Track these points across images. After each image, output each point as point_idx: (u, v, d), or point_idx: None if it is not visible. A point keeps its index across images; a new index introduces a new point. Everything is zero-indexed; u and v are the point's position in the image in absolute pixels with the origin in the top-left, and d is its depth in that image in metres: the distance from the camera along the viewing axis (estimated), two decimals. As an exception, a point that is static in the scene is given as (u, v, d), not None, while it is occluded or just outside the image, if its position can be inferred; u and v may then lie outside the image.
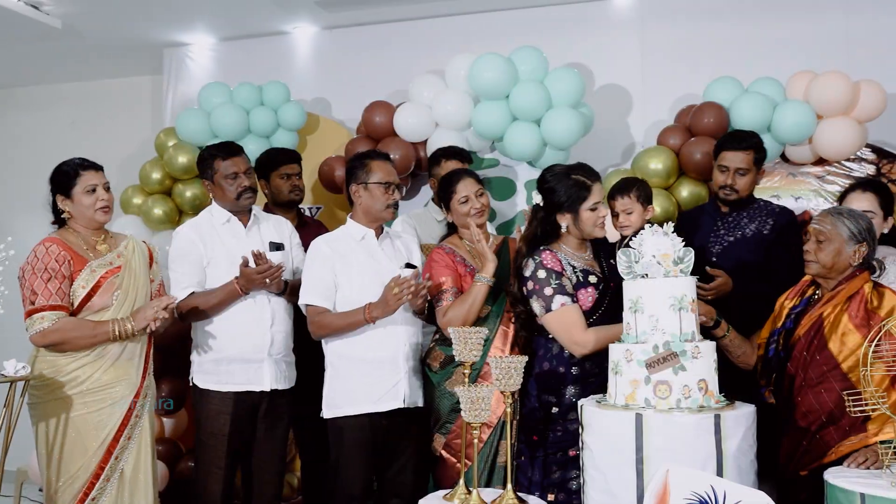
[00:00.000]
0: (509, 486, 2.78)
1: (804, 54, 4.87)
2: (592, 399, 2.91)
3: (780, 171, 4.68)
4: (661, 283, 2.74)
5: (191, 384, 3.60)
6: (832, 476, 2.61)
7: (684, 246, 2.80)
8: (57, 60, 6.25)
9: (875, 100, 4.42)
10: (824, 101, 4.42)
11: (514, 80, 4.63)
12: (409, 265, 3.35)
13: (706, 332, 3.03)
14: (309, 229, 4.19)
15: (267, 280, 3.40)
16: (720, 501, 2.39)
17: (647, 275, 2.78)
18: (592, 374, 3.13)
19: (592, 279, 3.18)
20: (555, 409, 3.14)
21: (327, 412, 3.35)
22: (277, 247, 3.59)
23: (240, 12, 5.50)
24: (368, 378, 3.32)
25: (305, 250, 3.58)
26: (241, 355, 3.49)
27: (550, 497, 3.05)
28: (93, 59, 6.23)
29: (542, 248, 3.19)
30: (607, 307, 3.18)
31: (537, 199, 3.25)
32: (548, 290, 3.11)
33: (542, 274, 3.12)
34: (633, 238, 3.55)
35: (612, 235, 3.66)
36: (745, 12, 5.16)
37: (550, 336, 3.19)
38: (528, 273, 3.17)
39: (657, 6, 5.33)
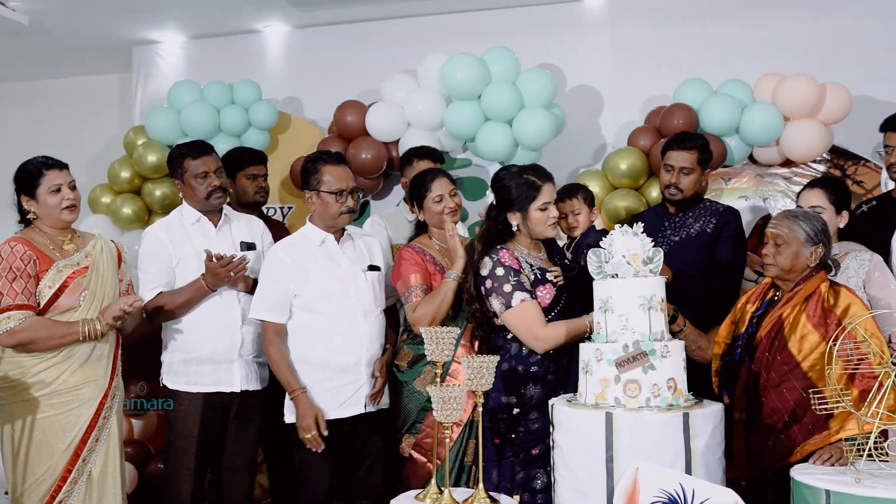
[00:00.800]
0: (481, 485, 2.79)
1: (772, 57, 4.95)
2: (563, 398, 2.93)
3: (748, 172, 4.74)
4: (631, 282, 2.76)
5: (161, 385, 3.56)
6: (798, 473, 2.64)
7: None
8: (24, 57, 6.17)
9: (841, 102, 4.50)
10: (791, 104, 4.48)
11: (486, 81, 4.65)
12: (247, 245, 3.48)
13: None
14: (272, 231, 4.16)
15: (232, 274, 3.37)
16: (689, 499, 2.42)
17: (616, 275, 2.80)
18: (550, 371, 3.16)
19: (550, 277, 3.20)
20: (516, 410, 3.14)
21: (290, 416, 3.31)
22: (249, 246, 3.57)
23: (211, 10, 5.47)
24: (330, 384, 3.28)
25: None
26: (211, 356, 3.46)
27: (516, 497, 3.06)
28: (61, 56, 6.16)
29: (499, 246, 3.20)
30: (564, 304, 3.21)
31: (491, 197, 3.29)
32: (507, 287, 3.12)
33: (500, 272, 3.14)
34: (582, 239, 3.61)
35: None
36: (715, 15, 5.23)
37: (509, 336, 3.19)
38: (485, 272, 3.17)
39: (628, 8, 5.38)
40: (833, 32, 5.05)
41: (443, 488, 2.80)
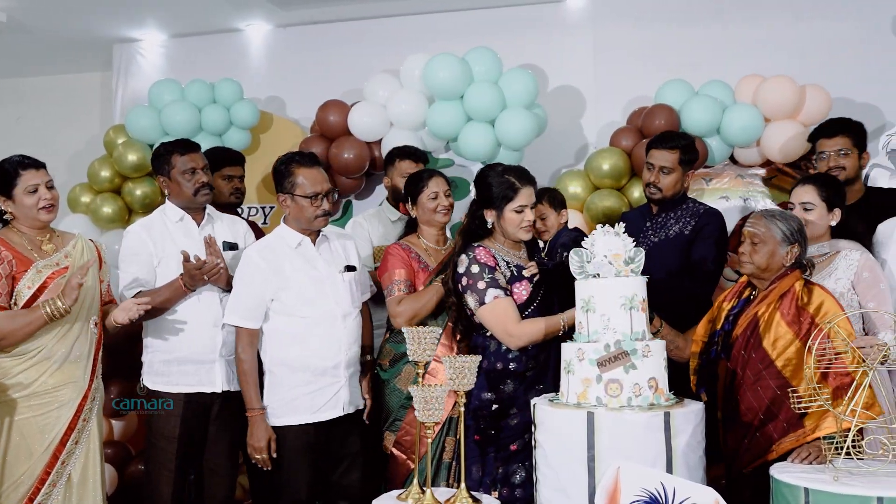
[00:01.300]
0: (463, 484, 2.80)
1: (752, 59, 4.98)
2: (545, 398, 2.94)
3: (728, 172, 4.77)
4: (613, 282, 2.78)
5: (141, 385, 3.54)
6: (778, 472, 2.66)
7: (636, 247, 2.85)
8: (2, 55, 6.11)
9: (820, 104, 4.54)
10: (772, 105, 4.52)
11: (468, 81, 4.65)
12: (230, 245, 3.46)
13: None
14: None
15: (206, 278, 3.35)
16: (670, 498, 2.43)
17: (598, 274, 2.81)
18: (529, 367, 3.19)
19: (526, 273, 3.23)
20: (495, 406, 3.17)
21: (273, 419, 3.30)
22: (231, 246, 3.55)
23: (192, 8, 5.44)
24: (309, 387, 3.27)
25: None
26: (192, 356, 3.44)
27: (494, 494, 3.08)
28: (40, 54, 6.10)
29: (475, 244, 3.24)
30: (541, 301, 3.23)
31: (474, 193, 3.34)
32: (481, 284, 3.15)
33: (475, 269, 3.17)
34: (555, 240, 3.63)
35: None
36: (696, 17, 5.26)
37: (487, 334, 3.22)
38: (462, 269, 3.21)
39: (610, 9, 5.40)
40: (812, 35, 5.09)
41: (425, 488, 2.80)
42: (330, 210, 3.33)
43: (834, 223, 3.32)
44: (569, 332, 3.00)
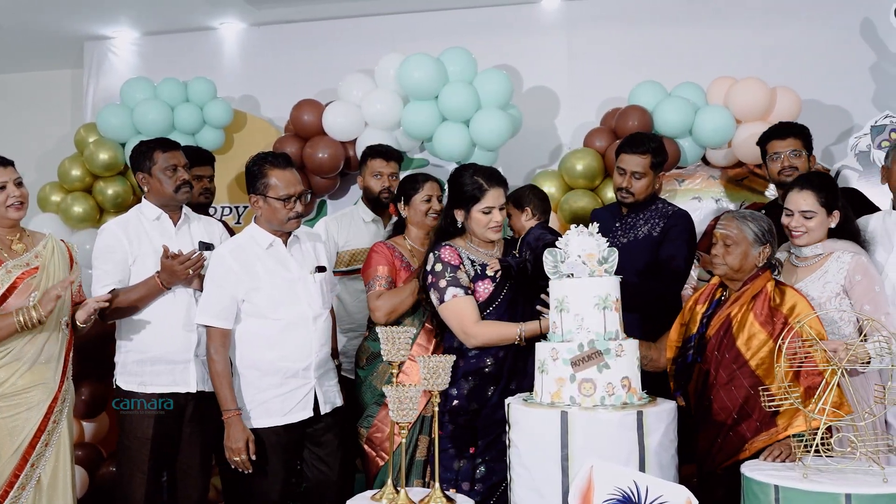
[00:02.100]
0: (437, 484, 2.80)
1: (724, 61, 5.05)
2: (519, 397, 2.95)
3: (701, 173, 4.82)
4: (587, 282, 2.79)
5: (114, 386, 3.50)
6: (748, 470, 2.69)
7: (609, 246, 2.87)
8: (-30, 52, 6.03)
9: (790, 105, 4.60)
10: (743, 106, 4.57)
11: (443, 81, 4.66)
12: (206, 246, 3.44)
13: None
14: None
15: (190, 271, 3.32)
16: (642, 496, 2.45)
17: (572, 274, 2.82)
18: (487, 365, 3.22)
19: (489, 272, 3.25)
20: (456, 402, 3.21)
21: (251, 421, 3.28)
22: (207, 247, 3.53)
23: (165, 6, 5.40)
24: (280, 389, 3.25)
25: None
26: (166, 356, 3.41)
27: (465, 486, 3.12)
28: (9, 51, 6.02)
29: (444, 243, 3.29)
30: (504, 300, 3.26)
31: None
32: (442, 283, 3.21)
33: (438, 267, 3.23)
34: (524, 237, 3.64)
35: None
36: (669, 20, 5.31)
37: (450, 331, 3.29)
38: (428, 267, 3.28)
39: (584, 11, 5.44)
40: (782, 39, 5.17)
41: (399, 488, 2.80)
42: (302, 212, 3.31)
43: (833, 225, 3.24)
44: (538, 337, 3.00)
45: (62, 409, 3.23)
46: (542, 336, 3.01)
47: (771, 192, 4.56)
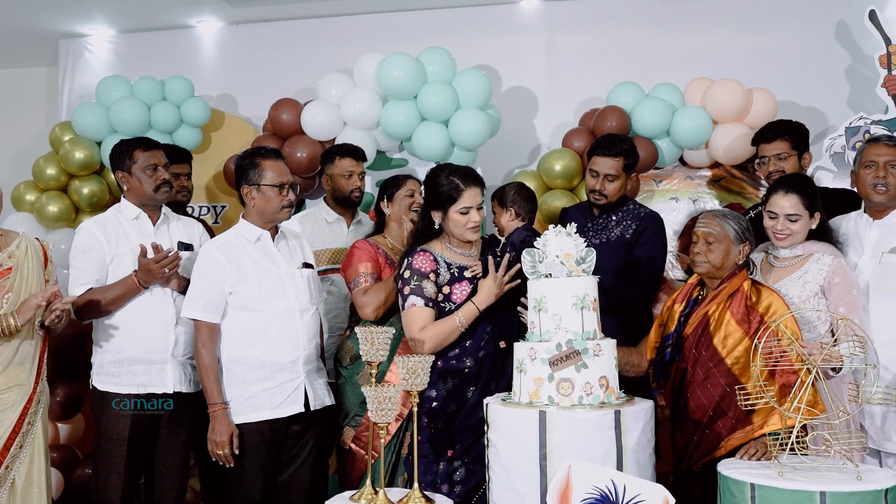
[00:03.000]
0: (416, 484, 2.80)
1: (701, 62, 5.09)
2: (497, 397, 2.96)
3: (678, 173, 4.85)
4: (565, 282, 2.80)
5: (91, 387, 3.47)
6: (725, 468, 2.72)
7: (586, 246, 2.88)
8: (-58, 49, 5.95)
9: (766, 107, 4.64)
10: (720, 107, 4.60)
11: (422, 81, 4.65)
12: (185, 246, 3.45)
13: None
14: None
15: (166, 270, 3.31)
16: (620, 495, 2.46)
17: (550, 274, 2.83)
18: (466, 366, 3.21)
19: (468, 274, 3.25)
20: (435, 404, 3.20)
21: (236, 417, 3.27)
22: (186, 247, 3.51)
23: (141, 4, 5.36)
24: (268, 383, 3.25)
25: None
26: (144, 356, 3.38)
27: (444, 489, 3.12)
28: (-18, 48, 5.95)
29: (420, 247, 3.26)
30: None
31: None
32: (406, 290, 3.20)
33: (406, 274, 3.21)
34: (508, 238, 3.66)
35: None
36: (647, 22, 5.35)
37: None
38: (400, 271, 3.26)
39: (563, 12, 5.46)
40: (759, 41, 5.23)
41: (378, 488, 2.80)
42: (293, 202, 3.36)
43: (814, 227, 3.30)
44: (517, 337, 3.01)
45: (37, 410, 3.20)
46: (519, 335, 3.02)
47: None
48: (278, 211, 3.31)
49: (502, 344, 3.19)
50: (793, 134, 3.83)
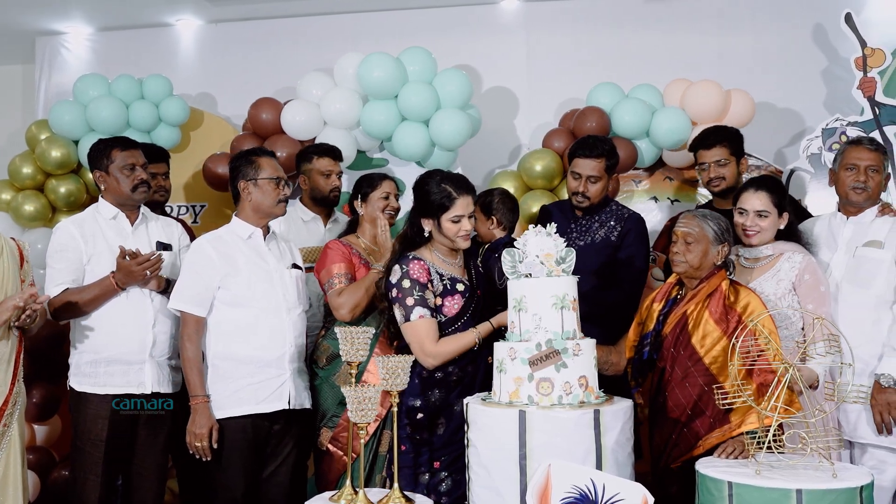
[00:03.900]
0: (396, 485, 2.80)
1: (680, 63, 5.12)
2: (477, 396, 2.96)
3: (658, 174, 4.88)
4: (544, 282, 2.81)
5: (68, 387, 3.44)
6: (703, 466, 2.73)
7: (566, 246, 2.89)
8: (-84, 45, 5.87)
9: (744, 108, 4.68)
10: (698, 108, 4.63)
11: (402, 81, 4.65)
12: (163, 246, 3.47)
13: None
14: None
15: (147, 272, 3.29)
16: (599, 494, 2.47)
17: (530, 274, 2.84)
18: (455, 375, 3.19)
19: (460, 287, 3.23)
20: (420, 415, 3.18)
21: (218, 412, 3.26)
22: (165, 247, 3.50)
23: (120, 1, 5.32)
24: (253, 379, 3.26)
25: None
26: (121, 356, 3.36)
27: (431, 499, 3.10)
28: (-43, 45, 5.88)
29: (411, 255, 3.22)
30: (472, 314, 3.24)
31: (411, 197, 3.34)
32: (409, 301, 3.14)
33: (406, 284, 3.16)
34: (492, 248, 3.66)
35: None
36: (627, 23, 5.39)
37: None
38: (394, 279, 3.19)
39: (543, 13, 5.48)
40: (737, 43, 5.27)
41: (357, 489, 2.80)
42: (288, 197, 3.41)
43: (782, 227, 3.36)
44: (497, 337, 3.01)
45: (13, 412, 3.17)
46: (500, 334, 3.03)
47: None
48: (275, 205, 3.36)
49: (490, 359, 3.18)
50: (731, 140, 3.83)
